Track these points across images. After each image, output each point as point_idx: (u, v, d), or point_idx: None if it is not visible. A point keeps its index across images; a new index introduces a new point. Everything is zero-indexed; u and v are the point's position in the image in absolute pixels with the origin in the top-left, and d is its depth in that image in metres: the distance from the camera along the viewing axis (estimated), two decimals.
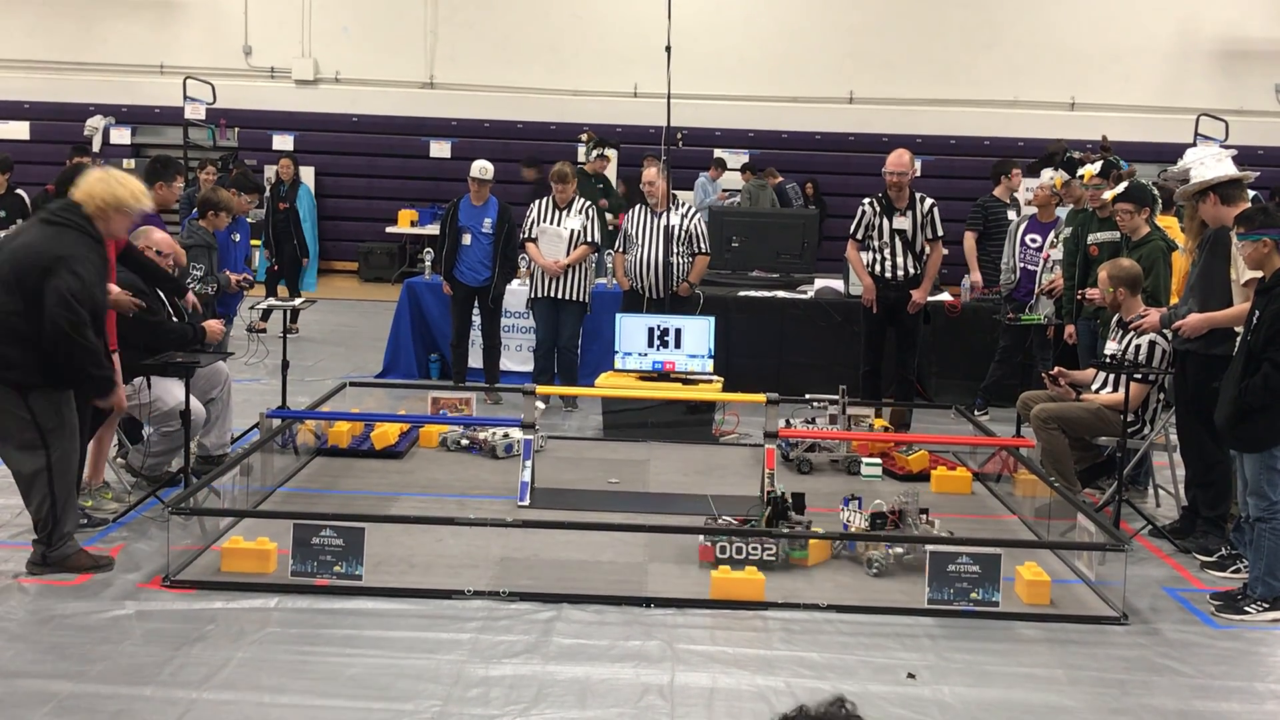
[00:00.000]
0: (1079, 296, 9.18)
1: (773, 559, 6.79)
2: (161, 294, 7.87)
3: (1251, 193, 8.22)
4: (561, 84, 20.95)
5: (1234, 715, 5.35)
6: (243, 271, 9.45)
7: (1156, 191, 9.12)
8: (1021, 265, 10.88)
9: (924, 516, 7.21)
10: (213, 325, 8.07)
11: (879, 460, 8.95)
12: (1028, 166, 12.61)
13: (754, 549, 6.78)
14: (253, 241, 12.04)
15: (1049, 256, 10.29)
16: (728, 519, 7.14)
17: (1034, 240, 10.78)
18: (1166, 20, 20.89)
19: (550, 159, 12.27)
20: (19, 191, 12.70)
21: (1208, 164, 7.31)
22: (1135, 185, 8.91)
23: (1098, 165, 9.77)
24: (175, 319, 7.90)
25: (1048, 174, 10.98)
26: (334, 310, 16.21)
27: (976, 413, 10.43)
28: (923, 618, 6.21)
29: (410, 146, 21.33)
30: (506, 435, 9.04)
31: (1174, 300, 8.18)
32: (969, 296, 11.70)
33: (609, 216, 14.92)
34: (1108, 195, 9.20)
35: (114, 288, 7.31)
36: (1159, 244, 8.53)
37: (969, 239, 11.76)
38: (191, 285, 8.61)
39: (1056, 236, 10.20)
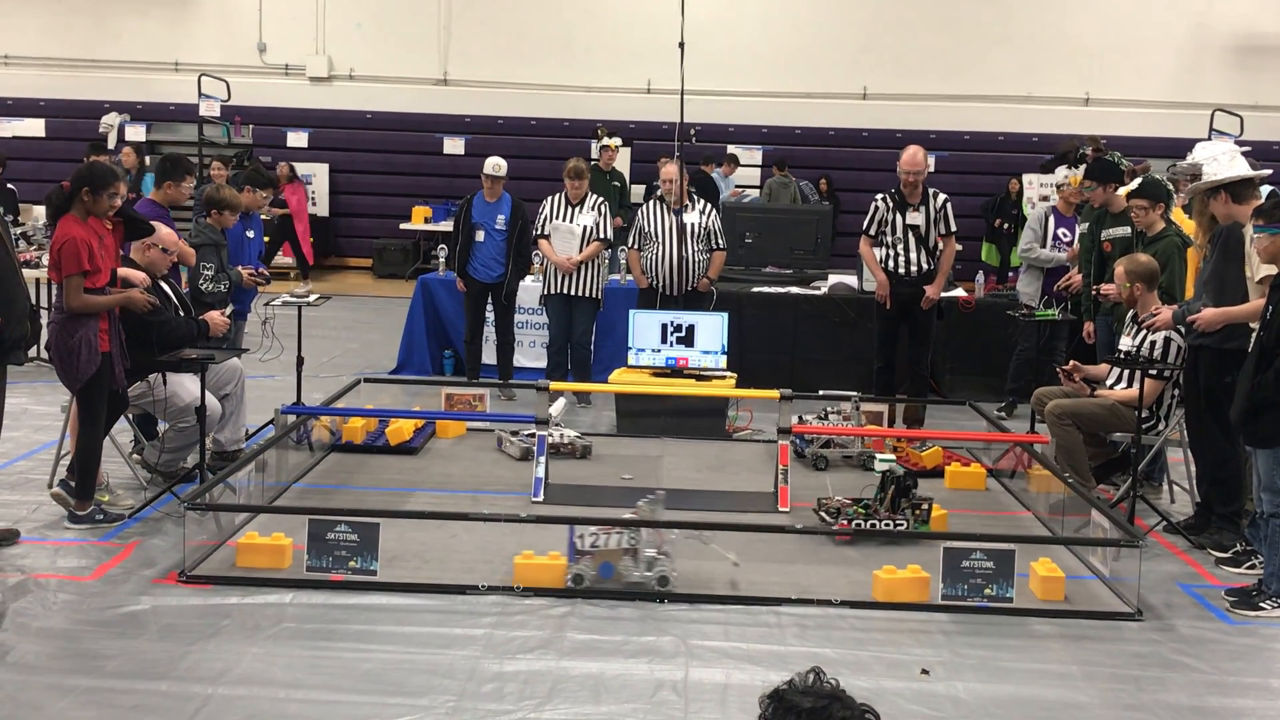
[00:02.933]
0: (1094, 292, 9.17)
1: (903, 532, 7.24)
2: (166, 287, 7.91)
3: (1268, 187, 8.20)
4: (575, 80, 20.95)
5: (1248, 711, 5.34)
6: (257, 267, 9.44)
7: (1172, 187, 9.11)
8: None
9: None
10: (214, 317, 8.08)
11: (893, 456, 8.94)
12: (1041, 165, 12.60)
13: (886, 524, 7.26)
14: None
15: (1075, 253, 10.30)
16: (841, 499, 7.47)
17: (1065, 234, 10.82)
18: (1181, 15, 20.83)
19: (563, 155, 12.27)
20: (10, 186, 12.72)
21: (1220, 162, 7.29)
22: (1149, 181, 8.90)
23: (1080, 170, 9.83)
24: (181, 313, 7.93)
25: (1062, 171, 11.00)
26: (348, 307, 16.25)
27: (998, 412, 10.47)
28: (936, 613, 6.20)
29: (424, 143, 21.36)
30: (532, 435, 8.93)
31: (1189, 295, 8.16)
32: (983, 291, 11.69)
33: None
34: (1122, 192, 9.21)
35: (131, 273, 7.35)
36: (1174, 240, 8.51)
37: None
38: (203, 284, 8.62)
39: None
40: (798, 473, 8.50)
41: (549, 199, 10.97)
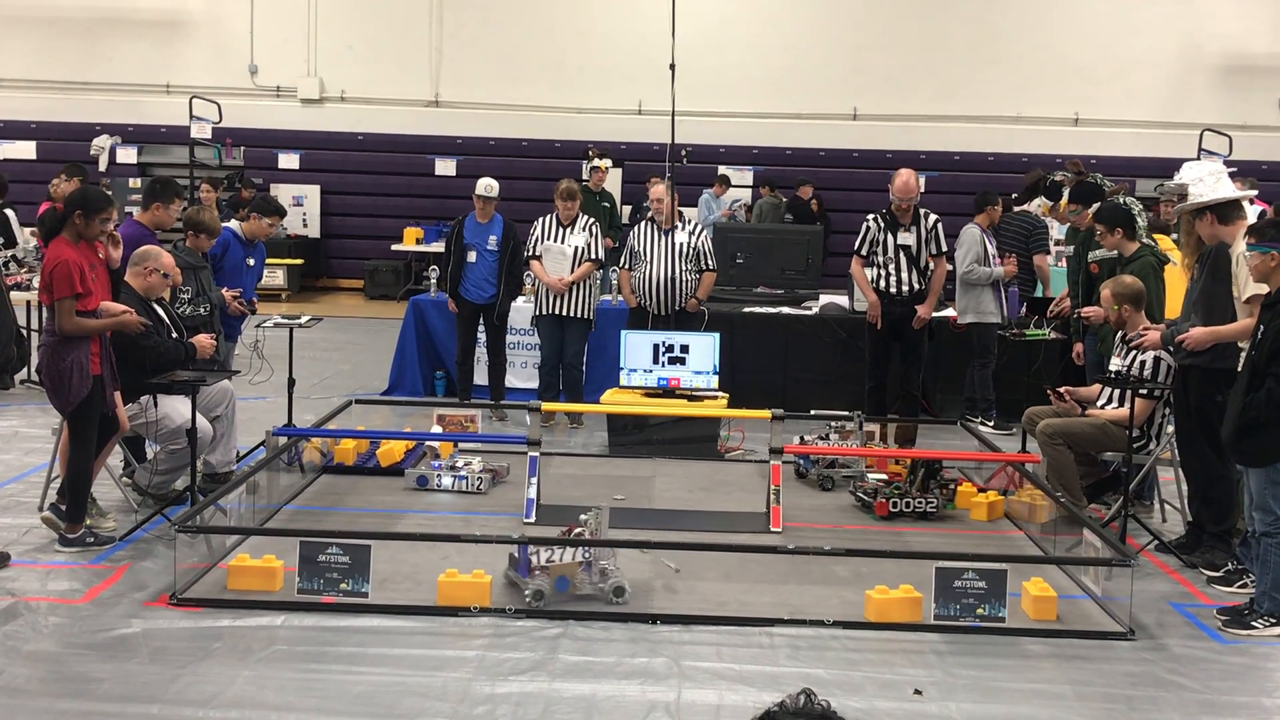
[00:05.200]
0: (1075, 315, 9.22)
1: (934, 510, 8.21)
2: (160, 309, 7.89)
3: (1258, 207, 8.25)
4: (566, 101, 21.01)
5: None
6: (252, 297, 9.37)
7: (1140, 207, 9.19)
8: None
9: None
10: (202, 340, 8.04)
11: (884, 475, 8.93)
12: (1015, 197, 12.71)
13: (918, 503, 8.20)
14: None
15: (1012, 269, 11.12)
16: (877, 480, 8.47)
17: (991, 249, 11.13)
18: (1170, 36, 20.93)
19: (554, 176, 12.29)
20: (7, 212, 12.60)
21: (1206, 182, 7.32)
22: (1106, 206, 8.99)
23: (1066, 192, 9.95)
24: (175, 335, 7.92)
25: (1037, 203, 11.21)
26: (339, 328, 16.23)
27: (984, 423, 10.62)
28: (929, 633, 6.20)
29: (415, 164, 21.39)
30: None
31: (1168, 315, 8.22)
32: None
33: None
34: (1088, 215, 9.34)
35: (116, 306, 7.33)
36: (1149, 260, 8.56)
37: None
38: (180, 307, 8.53)
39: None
40: (795, 493, 8.51)
41: (540, 220, 10.98)
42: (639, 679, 5.56)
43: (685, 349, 9.36)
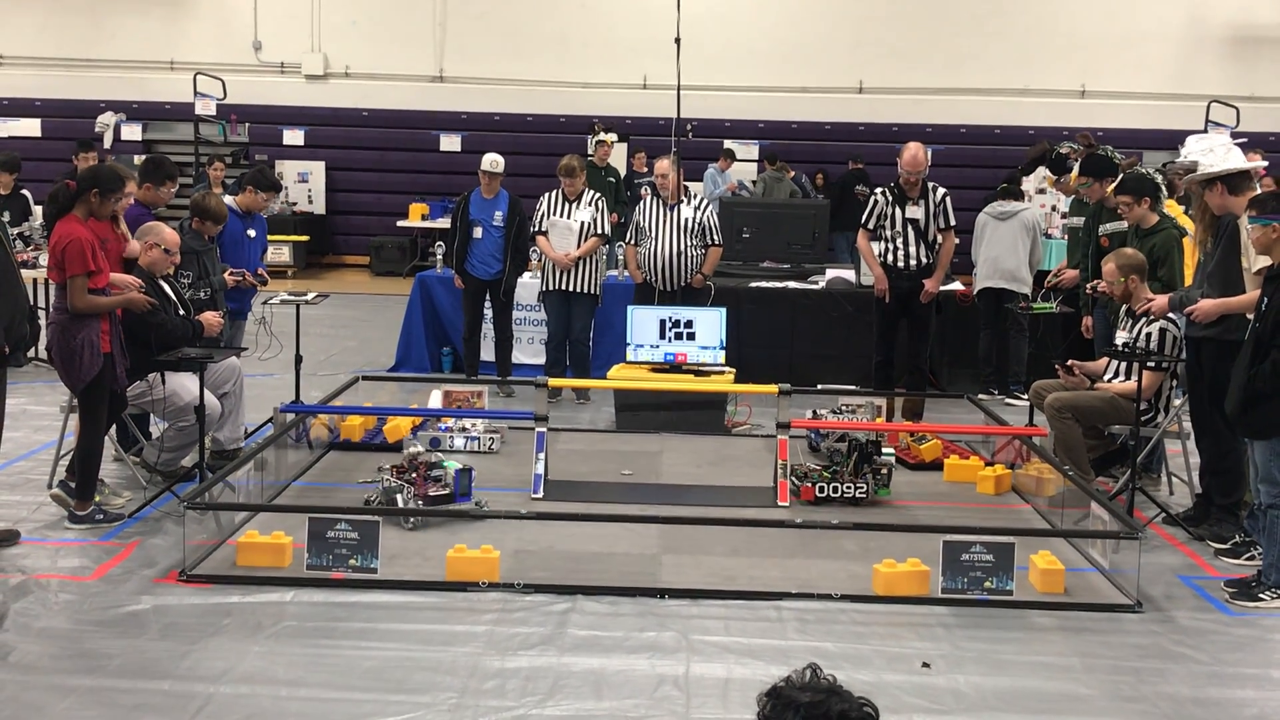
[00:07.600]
0: (1088, 289, 9.19)
1: (863, 496, 7.87)
2: (167, 287, 7.90)
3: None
4: (571, 76, 20.95)
5: (1248, 702, 5.35)
6: (256, 268, 9.39)
7: (1161, 178, 9.13)
8: None
9: None
10: (209, 317, 8.05)
11: (892, 449, 8.94)
12: (1019, 169, 12.68)
13: (847, 488, 7.87)
14: None
15: None
16: (811, 465, 8.16)
17: None
18: (1177, 7, 20.84)
19: (560, 151, 12.27)
20: (24, 192, 12.56)
21: (1216, 153, 7.29)
22: (1132, 176, 8.93)
23: (1076, 165, 9.93)
24: (181, 312, 7.92)
25: (1040, 174, 11.19)
26: (346, 304, 16.22)
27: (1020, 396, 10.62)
28: (937, 607, 6.21)
29: (420, 140, 21.37)
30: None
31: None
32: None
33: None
34: (1109, 188, 9.25)
35: (128, 278, 7.34)
36: (1172, 232, 8.51)
37: None
38: (184, 291, 8.51)
39: None
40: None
41: (546, 195, 10.97)
42: (647, 653, 5.58)
43: (692, 324, 9.36)
